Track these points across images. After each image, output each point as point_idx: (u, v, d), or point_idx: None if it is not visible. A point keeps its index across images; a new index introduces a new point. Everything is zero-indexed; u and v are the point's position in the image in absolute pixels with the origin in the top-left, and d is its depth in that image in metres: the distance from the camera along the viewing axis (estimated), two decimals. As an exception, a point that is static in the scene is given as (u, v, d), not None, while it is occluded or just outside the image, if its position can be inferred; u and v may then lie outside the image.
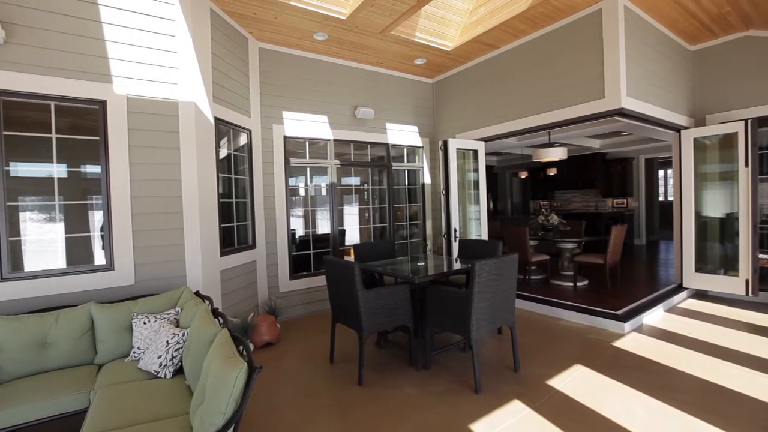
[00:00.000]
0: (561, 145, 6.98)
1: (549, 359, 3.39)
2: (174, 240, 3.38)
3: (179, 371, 2.45)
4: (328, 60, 5.21)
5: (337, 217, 5.28)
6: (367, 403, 2.78)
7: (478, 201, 5.75)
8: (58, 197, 3.24)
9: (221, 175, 3.96)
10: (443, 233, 5.40)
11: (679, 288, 5.18)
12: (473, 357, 2.86)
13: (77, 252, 3.74)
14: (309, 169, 5.62)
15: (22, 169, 4.29)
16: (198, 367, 2.01)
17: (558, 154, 5.95)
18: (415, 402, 2.77)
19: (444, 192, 5.33)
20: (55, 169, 3.11)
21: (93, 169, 3.25)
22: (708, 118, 5.15)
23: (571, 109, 4.35)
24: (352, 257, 4.33)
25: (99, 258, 3.37)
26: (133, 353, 2.65)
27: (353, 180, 8.46)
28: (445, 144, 5.28)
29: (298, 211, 6.90)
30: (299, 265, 5.10)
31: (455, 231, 5.30)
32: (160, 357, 2.43)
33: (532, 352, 3.55)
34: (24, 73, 2.80)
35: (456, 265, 3.70)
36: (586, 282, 5.65)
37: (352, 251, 4.33)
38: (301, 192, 7.96)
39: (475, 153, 5.67)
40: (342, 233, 6.62)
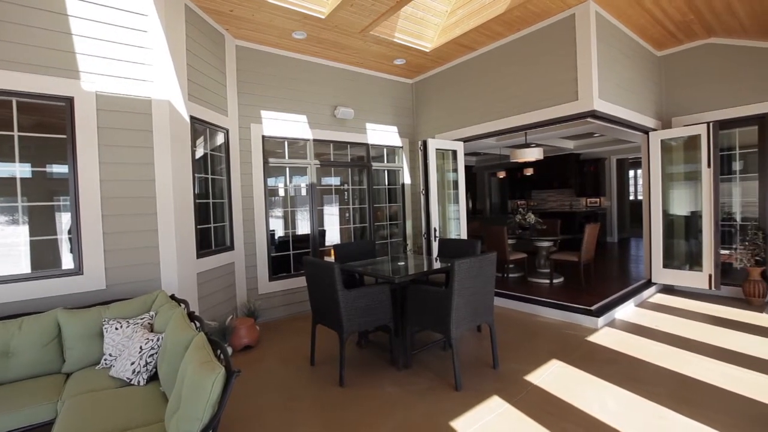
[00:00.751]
0: (537, 146, 7.17)
1: (527, 355, 3.47)
2: (148, 242, 3.27)
3: (154, 378, 2.38)
4: (307, 59, 5.16)
5: (317, 218, 5.24)
6: (348, 404, 2.77)
7: (457, 201, 5.82)
8: (21, 198, 3.08)
9: (197, 176, 3.87)
10: (423, 233, 5.44)
11: (649, 283, 5.40)
12: (453, 355, 2.89)
13: (43, 256, 3.57)
14: (288, 169, 5.55)
15: (-20, 169, 4.06)
16: (173, 373, 1.96)
17: (534, 154, 6.10)
18: (397, 401, 2.78)
19: (424, 192, 5.37)
20: (18, 169, 2.95)
21: (60, 169, 3.11)
22: (674, 120, 5.39)
23: (547, 111, 4.46)
24: (332, 258, 4.31)
25: (67, 262, 3.23)
26: (104, 360, 2.55)
27: (333, 180, 8.42)
28: (425, 144, 5.32)
29: (277, 212, 6.81)
30: (279, 267, 5.04)
31: (435, 230, 5.35)
32: (133, 363, 2.35)
33: (510, 348, 3.63)
34: (-17, 68, 2.65)
35: (436, 265, 3.73)
36: (561, 279, 5.82)
37: (332, 251, 4.30)
38: (281, 192, 7.85)
39: (454, 153, 5.75)
40: (322, 234, 6.58)
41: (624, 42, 4.65)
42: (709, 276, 4.87)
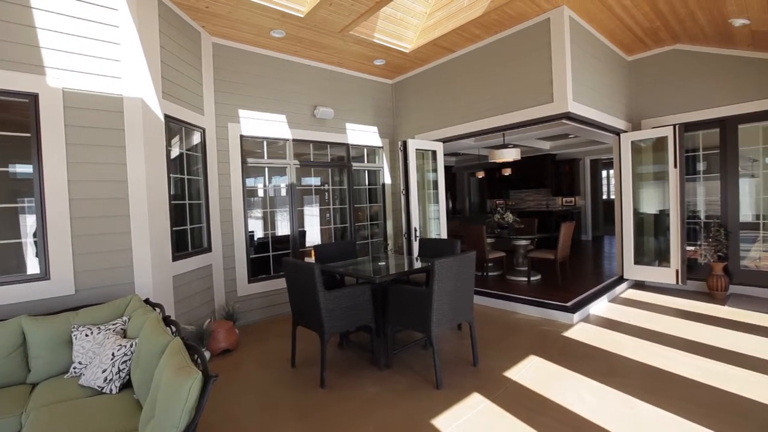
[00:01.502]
0: (515, 147, 7.31)
1: (506, 352, 3.54)
2: (120, 245, 3.16)
3: (127, 385, 2.30)
4: (286, 58, 5.10)
5: (298, 218, 5.19)
6: (330, 405, 2.76)
7: (437, 200, 5.88)
8: (-19, 200, 2.92)
9: (173, 176, 3.76)
10: (404, 233, 5.47)
11: (621, 279, 5.61)
12: (434, 354, 2.92)
13: (6, 261, 3.40)
14: (267, 170, 5.47)
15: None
16: (148, 380, 1.90)
17: (512, 154, 6.22)
18: (378, 401, 2.79)
19: (404, 192, 5.40)
20: (-22, 169, 2.80)
21: (24, 169, 2.97)
22: (643, 122, 5.61)
23: (523, 112, 4.56)
24: (313, 258, 4.28)
25: (32, 266, 3.08)
26: (74, 369, 2.45)
27: (313, 180, 8.35)
28: (405, 144, 5.35)
29: (256, 213, 6.70)
30: (258, 268, 4.96)
31: (415, 230, 5.39)
32: (104, 371, 2.26)
33: (490, 345, 3.69)
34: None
35: (416, 264, 3.76)
36: (539, 276, 5.96)
37: (313, 252, 4.27)
38: (260, 193, 7.73)
39: (434, 153, 5.80)
40: (302, 234, 6.52)
41: (596, 46, 4.81)
42: (676, 272, 5.09)
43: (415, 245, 5.30)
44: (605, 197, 11.50)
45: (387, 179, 6.29)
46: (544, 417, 2.49)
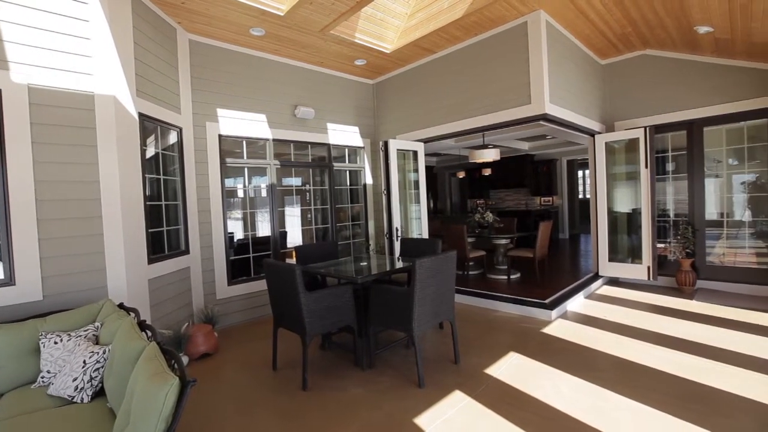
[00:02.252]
0: (494, 147, 7.42)
1: (486, 349, 3.59)
2: (92, 248, 3.04)
3: (100, 393, 2.22)
4: (266, 57, 5.03)
5: (278, 219, 5.13)
6: (312, 408, 2.74)
7: (418, 200, 5.92)
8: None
9: (148, 176, 3.65)
10: (385, 233, 5.48)
11: (596, 276, 5.78)
12: (416, 353, 2.94)
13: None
14: (247, 170, 5.38)
15: None
16: (122, 387, 1.84)
17: (492, 155, 6.32)
18: (361, 402, 2.78)
19: (385, 192, 5.41)
20: (-65, 169, 2.65)
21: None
22: (616, 124, 5.80)
23: (502, 113, 4.65)
24: (294, 259, 4.23)
25: (-4, 271, 2.93)
26: (42, 378, 2.34)
27: (294, 181, 8.26)
28: (386, 145, 5.36)
29: (236, 214, 6.58)
30: (238, 270, 4.87)
31: (397, 230, 5.41)
32: (75, 379, 2.17)
33: (471, 343, 3.74)
34: None
35: (398, 264, 3.77)
36: (518, 275, 6.08)
37: (293, 253, 4.23)
38: (240, 193, 7.59)
39: (415, 154, 5.83)
40: (283, 235, 6.44)
41: (572, 50, 4.95)
42: (648, 268, 5.29)
43: (397, 245, 5.32)
44: (581, 196, 11.83)
45: (368, 179, 6.29)
46: (523, 412, 2.54)
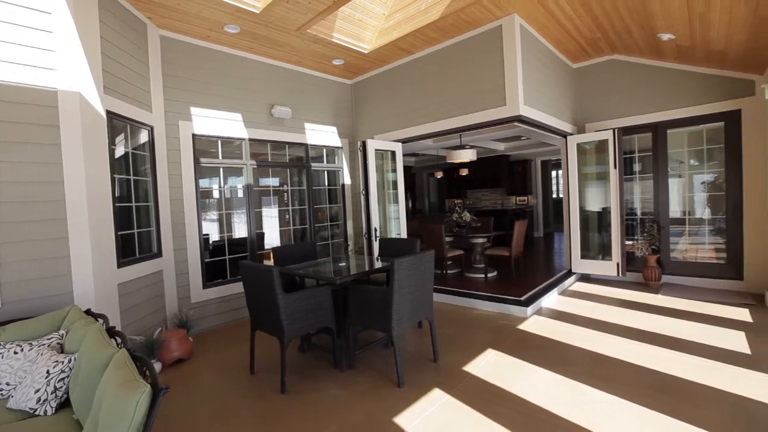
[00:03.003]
0: (471, 147, 7.55)
1: (465, 347, 3.65)
2: (56, 252, 2.90)
3: (65, 405, 2.12)
4: (241, 55, 4.93)
5: (255, 220, 5.03)
6: (291, 411, 2.71)
7: (397, 200, 5.94)
8: None
9: (118, 177, 3.51)
10: (364, 233, 5.47)
11: (569, 273, 5.97)
12: (395, 352, 2.95)
13: None
14: (223, 170, 5.26)
15: None
16: (89, 397, 1.76)
17: (469, 155, 6.42)
18: (340, 403, 2.77)
19: (364, 192, 5.40)
20: None
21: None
22: (587, 126, 6.01)
23: (478, 114, 4.73)
24: (271, 261, 4.17)
25: (-51, 278, 2.75)
26: (0, 391, 2.21)
27: (271, 181, 8.13)
28: (364, 145, 5.35)
29: (211, 215, 6.41)
30: (214, 273, 4.75)
31: (376, 230, 5.41)
32: (38, 391, 2.06)
33: (449, 341, 3.79)
34: None
35: (377, 264, 3.77)
36: (495, 273, 6.20)
37: (271, 255, 4.16)
38: (215, 194, 7.41)
39: (393, 154, 5.86)
40: (260, 236, 6.33)
41: (545, 53, 5.09)
42: (617, 264, 5.51)
43: (376, 245, 5.33)
44: (555, 196, 12.18)
45: (347, 180, 6.27)
46: (500, 407, 2.59)
